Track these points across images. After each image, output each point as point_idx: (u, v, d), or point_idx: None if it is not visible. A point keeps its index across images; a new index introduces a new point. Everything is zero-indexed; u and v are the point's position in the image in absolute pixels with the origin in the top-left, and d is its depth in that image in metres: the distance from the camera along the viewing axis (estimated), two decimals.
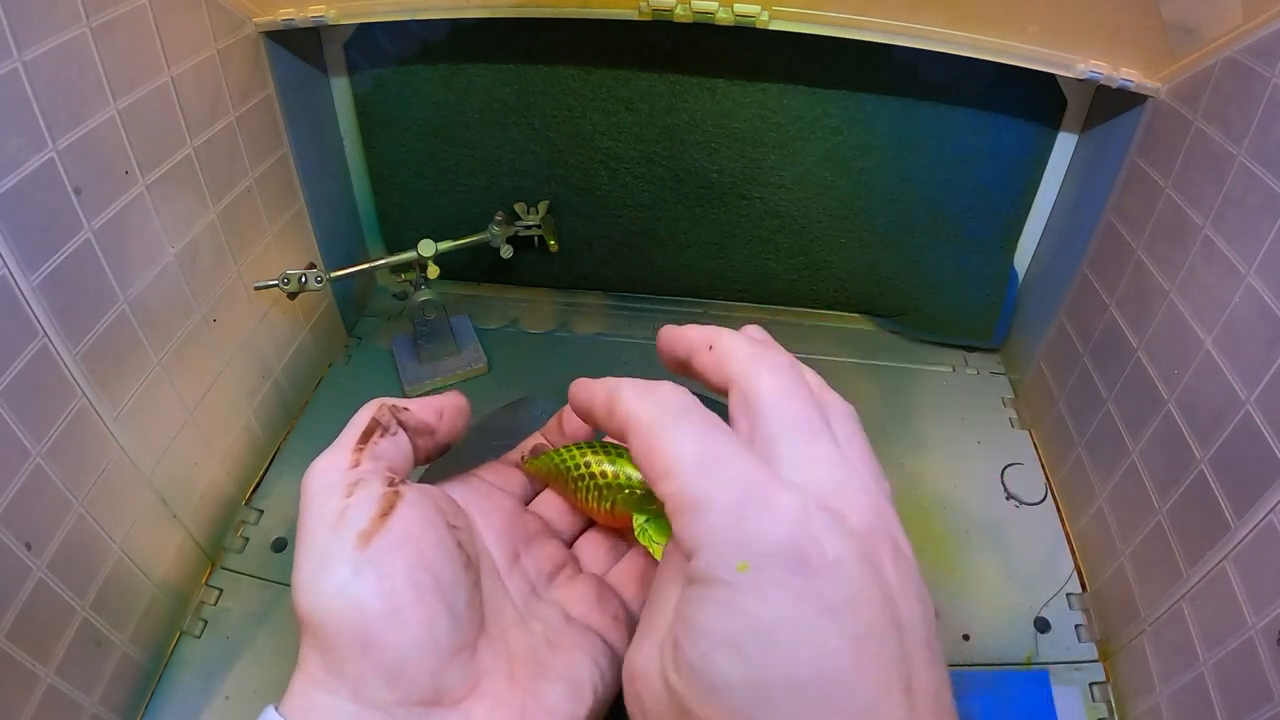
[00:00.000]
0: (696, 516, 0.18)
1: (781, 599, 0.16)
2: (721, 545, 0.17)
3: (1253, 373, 0.31)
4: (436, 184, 0.53)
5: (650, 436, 0.19)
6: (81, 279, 0.31)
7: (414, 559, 0.20)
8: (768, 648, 0.16)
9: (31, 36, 0.27)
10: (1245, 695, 0.29)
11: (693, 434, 0.19)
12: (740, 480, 0.18)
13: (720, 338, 0.21)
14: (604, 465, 0.25)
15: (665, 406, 0.20)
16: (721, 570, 0.17)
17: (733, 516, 0.17)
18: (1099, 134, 0.46)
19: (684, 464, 0.18)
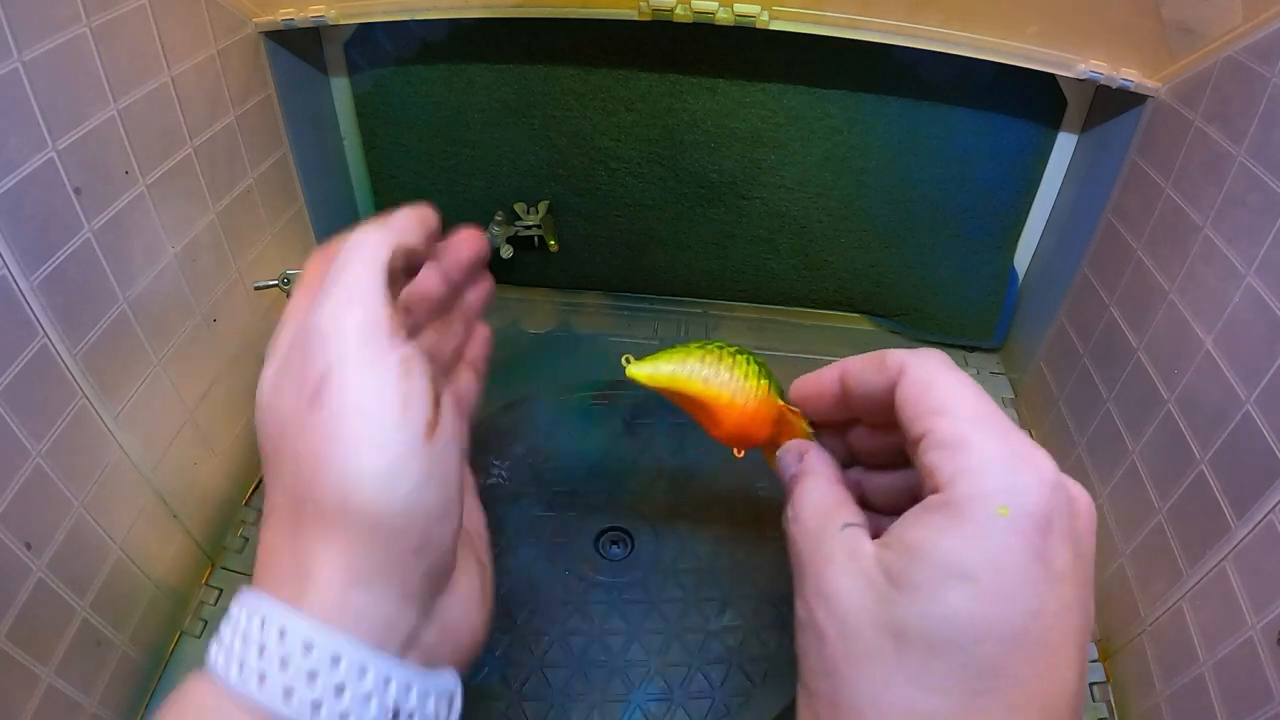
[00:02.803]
0: (968, 454, 0.19)
1: (1024, 552, 0.18)
2: (989, 486, 0.18)
3: (1253, 373, 0.31)
4: (436, 184, 0.53)
5: (928, 380, 0.21)
6: (81, 279, 0.31)
7: (460, 454, 0.21)
8: (998, 593, 0.18)
9: (31, 36, 0.27)
10: (1245, 695, 0.29)
11: (969, 386, 0.21)
12: (1011, 437, 0.19)
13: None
14: (741, 356, 0.26)
15: (940, 361, 0.22)
16: (980, 509, 0.18)
17: (1002, 464, 0.19)
18: (1099, 134, 0.46)
19: (961, 408, 0.20)
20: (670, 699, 0.32)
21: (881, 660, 0.18)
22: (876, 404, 0.23)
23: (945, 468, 0.19)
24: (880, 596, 0.19)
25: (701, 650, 0.34)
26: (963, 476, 0.19)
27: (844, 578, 0.20)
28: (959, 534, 0.18)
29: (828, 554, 0.21)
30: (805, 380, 0.25)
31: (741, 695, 0.32)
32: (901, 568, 0.19)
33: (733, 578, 0.37)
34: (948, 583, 0.18)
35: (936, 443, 0.20)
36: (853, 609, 0.19)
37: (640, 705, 0.32)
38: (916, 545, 0.19)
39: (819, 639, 0.20)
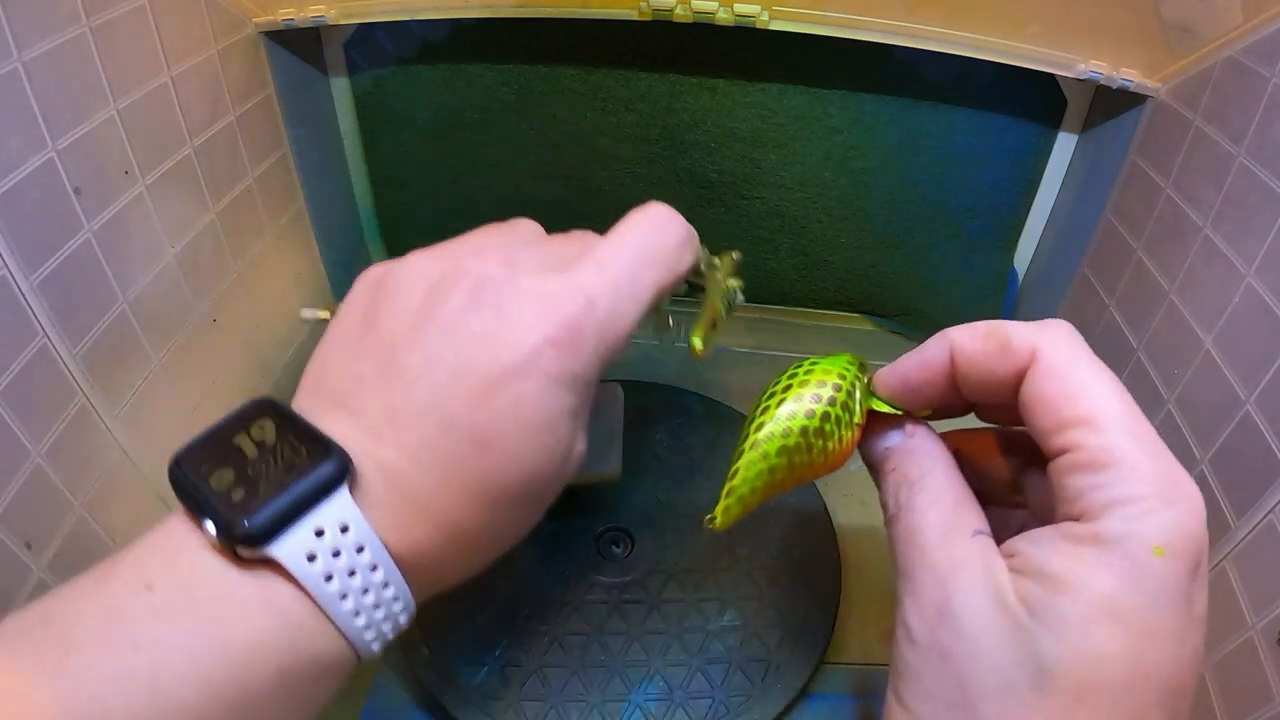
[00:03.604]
0: (1122, 482, 0.17)
1: (1176, 596, 0.17)
2: (1145, 522, 0.17)
3: (1253, 373, 0.31)
4: (436, 184, 0.53)
5: (1065, 373, 0.19)
6: (81, 279, 0.31)
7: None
8: (1150, 637, 0.16)
9: (31, 36, 0.27)
10: (1245, 695, 0.29)
11: (1114, 385, 0.19)
12: (1162, 457, 0.18)
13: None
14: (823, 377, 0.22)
15: (1074, 345, 0.19)
16: (1137, 548, 0.17)
17: (1161, 496, 0.17)
18: (1099, 134, 0.46)
19: (1111, 418, 0.18)
20: (670, 699, 0.32)
21: (1017, 698, 0.17)
22: (997, 391, 0.21)
23: (1095, 496, 0.17)
24: (1019, 627, 0.17)
25: (702, 650, 0.34)
26: (1117, 509, 0.17)
27: (977, 598, 0.18)
28: (1112, 572, 0.17)
29: (955, 563, 0.19)
30: (905, 368, 0.23)
31: (742, 695, 0.32)
32: (1045, 601, 0.17)
33: (733, 578, 0.37)
34: (1099, 623, 0.17)
35: (1084, 464, 0.18)
36: (986, 635, 0.18)
37: (640, 705, 0.32)
38: (1062, 578, 0.17)
39: (942, 661, 0.18)
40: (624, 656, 0.33)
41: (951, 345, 0.21)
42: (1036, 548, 0.18)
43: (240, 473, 0.20)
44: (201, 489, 0.20)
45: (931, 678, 0.18)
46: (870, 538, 0.41)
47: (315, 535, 0.19)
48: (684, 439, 0.43)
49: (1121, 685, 0.16)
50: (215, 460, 0.20)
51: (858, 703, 0.34)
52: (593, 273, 0.23)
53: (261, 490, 0.19)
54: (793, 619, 0.35)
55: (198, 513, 0.20)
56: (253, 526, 0.19)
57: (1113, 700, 0.16)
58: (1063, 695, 0.16)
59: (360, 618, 0.20)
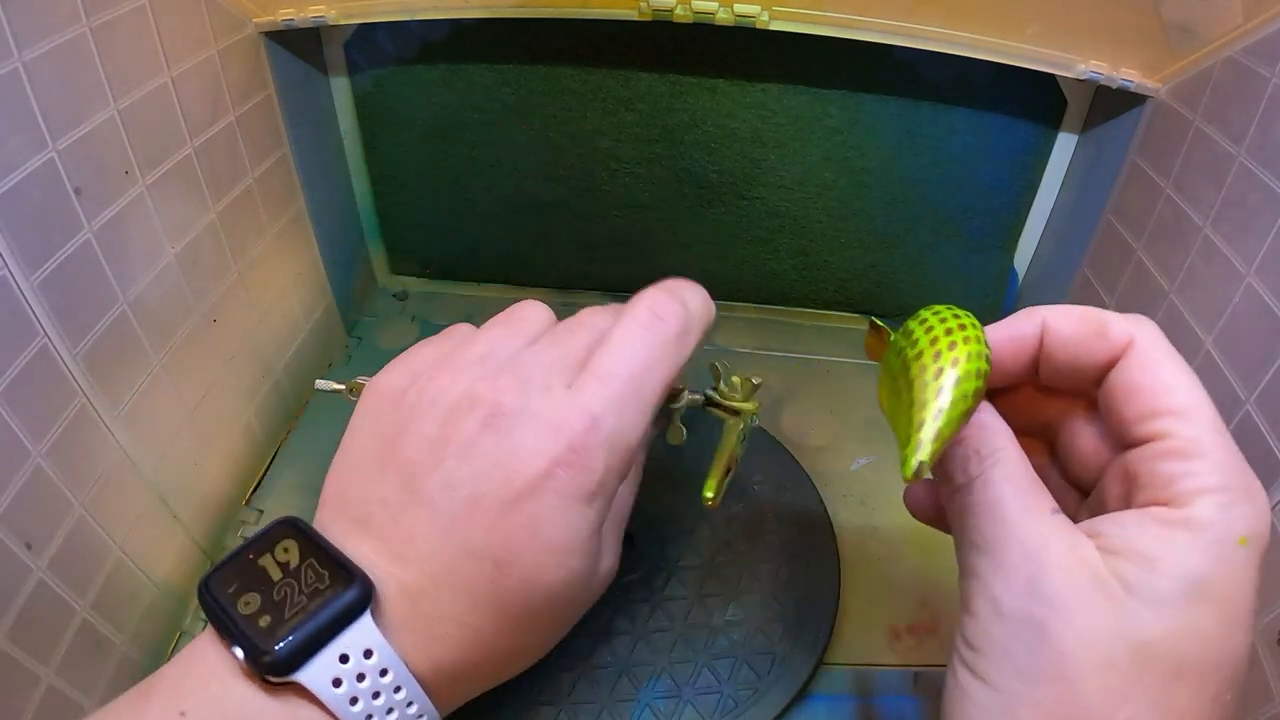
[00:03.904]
0: (1212, 473, 0.18)
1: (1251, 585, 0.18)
2: (1233, 511, 0.18)
3: (1253, 373, 0.31)
4: (436, 184, 0.53)
5: (1163, 370, 0.20)
6: (81, 279, 0.31)
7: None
8: (1234, 618, 0.17)
9: (31, 36, 0.27)
10: (1245, 695, 0.29)
11: (1199, 385, 0.20)
12: (1241, 457, 0.19)
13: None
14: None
15: (1165, 340, 0.20)
16: (1224, 532, 0.17)
17: (1244, 490, 0.18)
18: (1099, 134, 0.46)
19: (1204, 415, 0.19)
20: (679, 696, 0.32)
21: (1117, 673, 0.17)
22: (1078, 373, 0.21)
23: (1186, 483, 0.18)
24: (1117, 604, 0.18)
25: (708, 646, 0.34)
26: (1208, 497, 0.18)
27: (1073, 574, 0.18)
28: (1206, 556, 0.17)
29: (1043, 539, 0.19)
30: (995, 339, 0.22)
31: (750, 688, 0.32)
32: (1139, 579, 0.18)
33: (735, 573, 0.37)
34: (1196, 602, 0.17)
35: (1174, 451, 0.18)
36: (1085, 612, 0.18)
37: (649, 703, 0.32)
38: (1157, 557, 0.18)
39: (1036, 636, 0.18)
40: (630, 656, 0.33)
41: (1044, 322, 0.21)
42: (1124, 529, 0.19)
43: (266, 598, 0.21)
44: (230, 613, 0.21)
45: (1024, 653, 0.18)
46: (870, 537, 0.41)
47: (340, 661, 0.20)
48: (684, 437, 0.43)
49: (1212, 663, 0.17)
50: (242, 584, 0.21)
51: (858, 702, 0.34)
52: (595, 389, 0.24)
53: (287, 616, 0.20)
54: (795, 611, 0.35)
55: (227, 638, 0.20)
56: (280, 654, 0.19)
57: (1203, 678, 0.17)
58: (1163, 670, 0.17)
59: None
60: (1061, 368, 0.21)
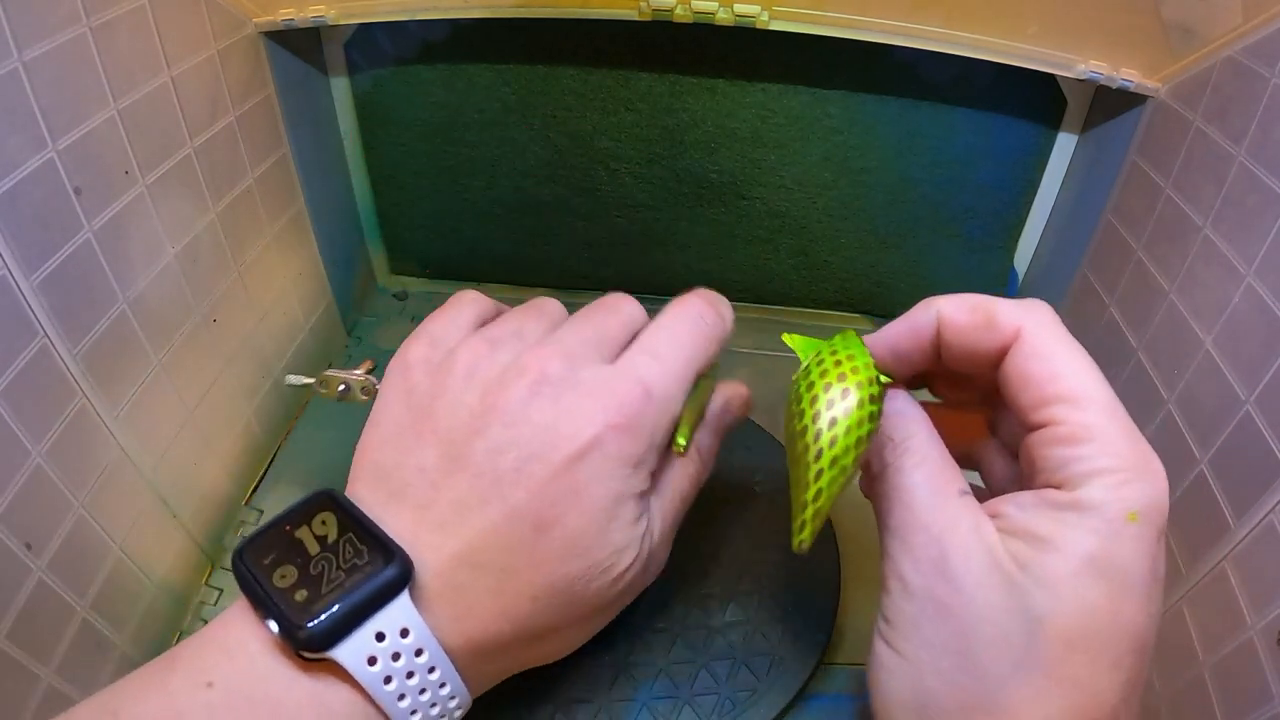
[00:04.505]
0: (1102, 456, 0.19)
1: (1147, 558, 0.18)
2: (1122, 491, 0.18)
3: (1253, 373, 0.31)
4: (436, 184, 0.53)
5: (1049, 353, 0.20)
6: (81, 279, 0.31)
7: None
8: (1126, 592, 0.18)
9: (31, 36, 0.27)
10: (1245, 695, 0.29)
11: (1092, 367, 0.20)
12: (1135, 436, 0.19)
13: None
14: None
15: (1058, 328, 0.21)
16: (1113, 511, 0.18)
17: (1135, 469, 0.19)
18: (1099, 134, 0.46)
19: (1091, 398, 0.20)
20: (677, 697, 0.32)
21: (1012, 646, 0.18)
22: (977, 361, 0.22)
23: (1076, 466, 0.19)
24: (1011, 582, 0.19)
25: (707, 647, 0.34)
26: (1097, 479, 0.19)
27: (972, 555, 0.19)
28: (1094, 534, 0.18)
29: (948, 521, 0.20)
30: (894, 336, 0.24)
31: (748, 690, 0.32)
32: (1032, 559, 0.19)
33: (734, 574, 0.37)
34: (1085, 578, 0.18)
35: (1065, 437, 0.19)
36: (983, 589, 0.19)
37: (648, 704, 0.32)
38: (1048, 538, 0.19)
39: (941, 613, 0.19)
40: (629, 656, 0.33)
41: (939, 314, 0.22)
42: (1021, 510, 0.20)
43: (303, 571, 0.20)
44: (265, 586, 0.20)
45: (930, 628, 0.20)
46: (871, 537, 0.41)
47: (376, 639, 0.20)
48: None
49: (1105, 634, 0.18)
50: (278, 556, 0.21)
51: (857, 703, 0.34)
52: (647, 361, 0.25)
53: (324, 591, 0.20)
54: (794, 613, 0.35)
55: (261, 610, 0.20)
56: (316, 630, 0.19)
57: (1098, 648, 0.18)
58: (1055, 643, 0.18)
59: (417, 715, 0.21)
60: (959, 356, 0.22)
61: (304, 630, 0.19)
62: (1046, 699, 0.18)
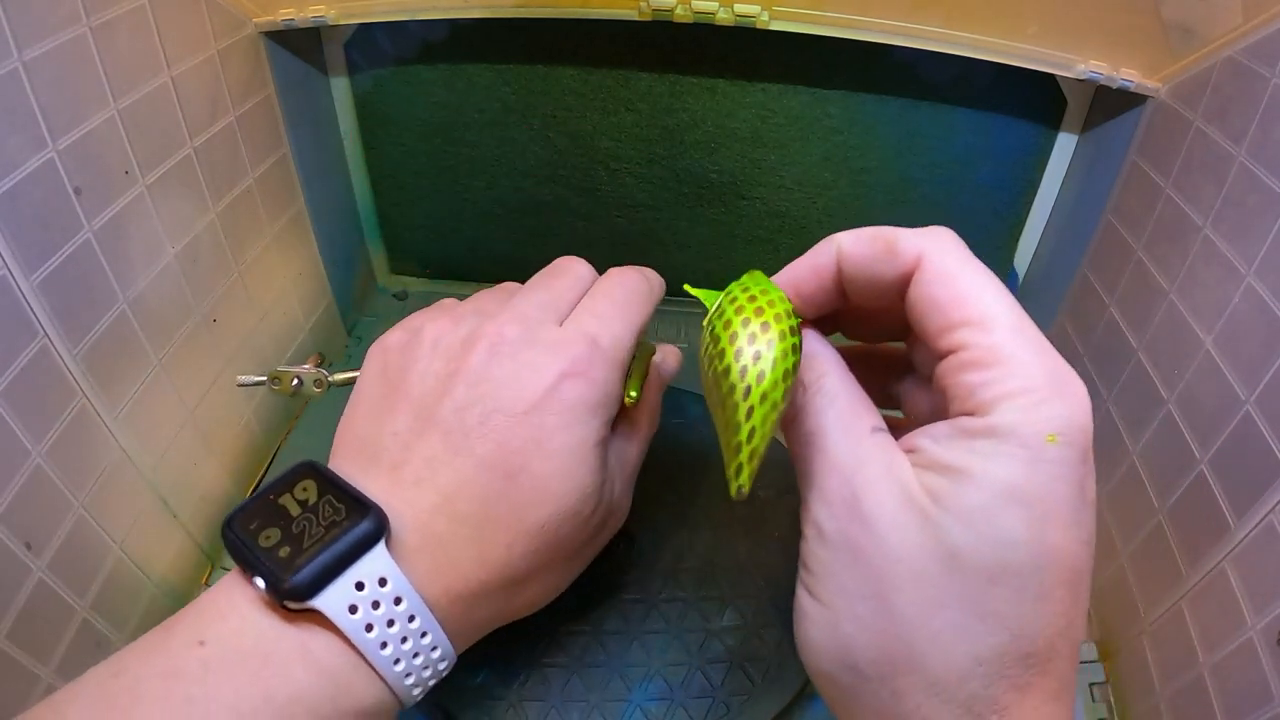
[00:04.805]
0: (1013, 377, 0.18)
1: (1071, 481, 0.17)
2: (1039, 415, 0.17)
3: (1253, 373, 0.31)
4: (436, 184, 0.53)
5: (952, 276, 0.20)
6: (81, 279, 0.31)
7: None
8: (1049, 519, 0.17)
9: (31, 36, 0.27)
10: (1245, 695, 0.29)
11: (999, 289, 0.19)
12: (1049, 354, 0.18)
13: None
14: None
15: (961, 251, 0.20)
16: (1029, 434, 0.17)
17: (1050, 389, 0.18)
18: (1099, 134, 0.46)
19: (997, 319, 0.19)
20: (671, 699, 0.32)
21: (930, 584, 0.18)
22: (881, 293, 0.21)
23: (986, 391, 0.18)
24: (926, 518, 0.18)
25: (702, 650, 0.34)
26: (1008, 401, 0.18)
27: (883, 493, 0.19)
28: (1010, 461, 0.17)
29: (859, 461, 0.20)
30: (796, 275, 0.23)
31: (743, 694, 0.32)
32: (947, 491, 0.18)
33: (733, 577, 0.36)
34: (1003, 508, 0.17)
35: (973, 361, 0.18)
36: (896, 528, 0.18)
37: (641, 705, 0.32)
38: (964, 469, 0.18)
39: (854, 557, 0.19)
40: (624, 656, 0.33)
41: (839, 249, 0.22)
42: (935, 443, 0.19)
43: (286, 531, 0.21)
44: (251, 547, 0.21)
45: (845, 572, 0.19)
46: None
47: (356, 588, 0.21)
48: (682, 439, 0.43)
49: (1029, 565, 0.17)
50: (263, 520, 0.22)
51: None
52: (592, 320, 0.27)
53: (306, 547, 0.21)
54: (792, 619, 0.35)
55: (248, 570, 0.21)
56: (298, 581, 0.20)
57: (1021, 580, 0.17)
58: (974, 578, 0.17)
59: (400, 665, 0.22)
60: (864, 290, 0.22)
61: (287, 583, 0.20)
62: (971, 638, 0.17)
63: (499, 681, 0.32)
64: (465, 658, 0.32)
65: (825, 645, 0.20)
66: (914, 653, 0.18)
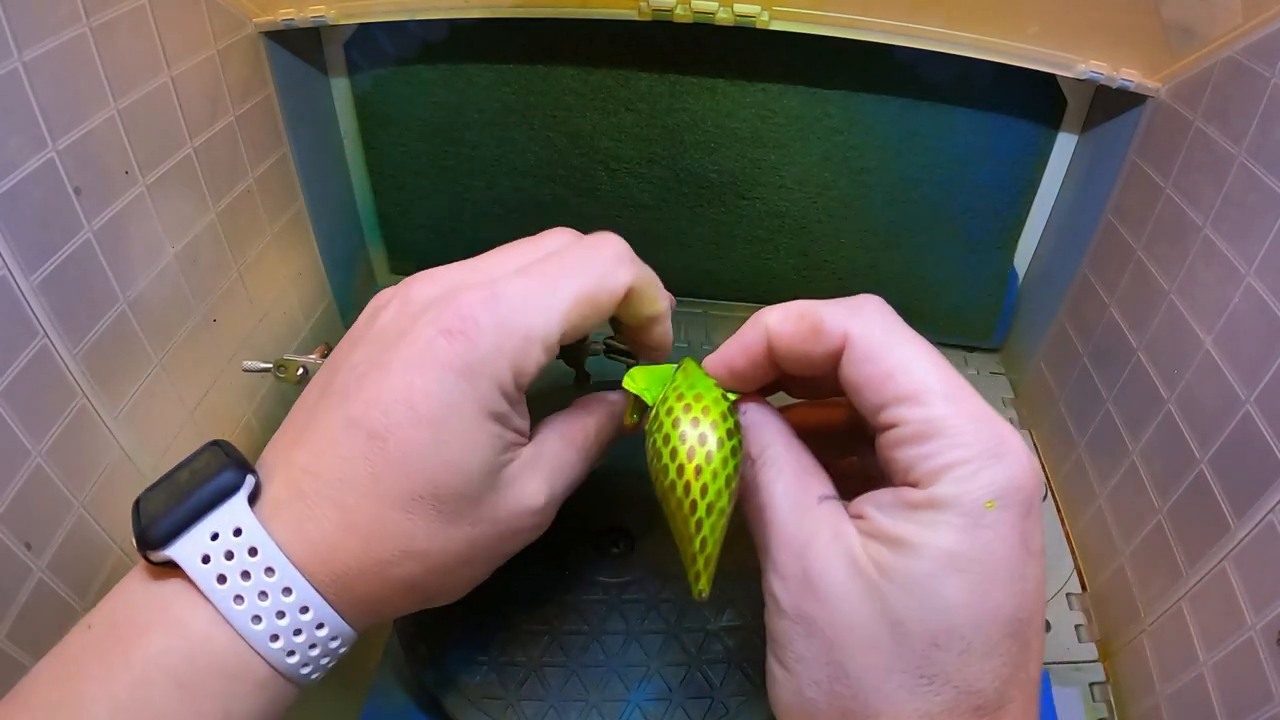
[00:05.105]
0: (949, 450, 0.18)
1: (1013, 540, 0.18)
2: (974, 481, 0.18)
3: (1253, 373, 0.31)
4: (436, 184, 0.53)
5: (886, 357, 0.20)
6: (81, 279, 0.31)
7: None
8: (992, 580, 0.18)
9: (31, 36, 0.27)
10: (1245, 695, 0.29)
11: (930, 358, 0.20)
12: (984, 418, 0.19)
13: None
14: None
15: (887, 321, 0.21)
16: (968, 503, 0.18)
17: (986, 455, 0.18)
18: (1099, 134, 0.46)
19: (930, 390, 0.19)
20: (670, 699, 0.32)
21: (879, 651, 0.19)
22: (814, 367, 0.22)
23: (925, 464, 0.19)
24: (872, 588, 0.19)
25: (701, 650, 0.34)
26: (947, 473, 0.19)
27: (832, 564, 0.20)
28: (950, 530, 0.18)
29: (810, 533, 0.20)
30: (728, 355, 0.23)
31: (742, 695, 0.32)
32: (892, 562, 0.19)
33: (732, 578, 0.36)
34: (944, 577, 0.18)
35: (911, 437, 0.19)
36: (845, 598, 0.19)
37: (639, 705, 0.32)
38: (905, 540, 0.19)
39: (809, 629, 0.20)
40: (623, 656, 0.33)
41: (767, 329, 0.22)
42: (880, 511, 0.20)
43: (168, 494, 0.22)
44: (136, 513, 0.22)
45: (802, 643, 0.20)
46: None
47: (210, 539, 0.21)
48: None
49: (971, 626, 0.18)
50: (157, 491, 0.22)
51: None
52: (508, 272, 0.24)
53: (172, 503, 0.21)
54: None
55: (135, 533, 0.21)
56: (157, 530, 0.20)
57: (965, 641, 0.18)
58: (919, 643, 0.18)
59: (261, 624, 0.21)
60: (796, 365, 0.22)
61: (147, 533, 0.21)
62: (922, 698, 0.18)
63: (497, 680, 0.32)
64: (463, 655, 0.33)
65: (792, 707, 0.21)
66: (870, 712, 0.19)
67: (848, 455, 0.26)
